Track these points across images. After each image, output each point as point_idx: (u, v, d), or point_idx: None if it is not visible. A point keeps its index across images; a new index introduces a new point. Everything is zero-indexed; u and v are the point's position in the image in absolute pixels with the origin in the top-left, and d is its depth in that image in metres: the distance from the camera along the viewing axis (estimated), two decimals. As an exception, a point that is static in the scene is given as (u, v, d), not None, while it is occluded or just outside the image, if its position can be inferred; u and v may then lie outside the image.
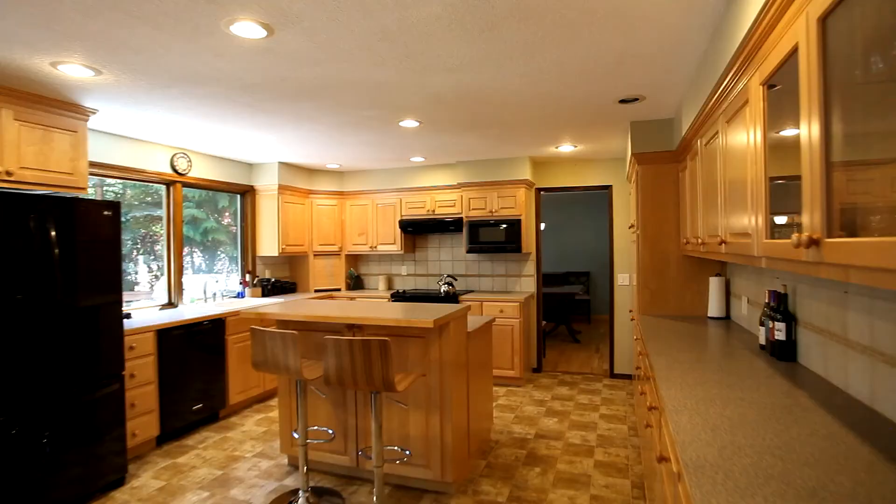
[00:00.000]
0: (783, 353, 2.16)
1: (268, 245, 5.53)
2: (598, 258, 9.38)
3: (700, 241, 2.73)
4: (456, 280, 5.57)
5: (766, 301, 2.32)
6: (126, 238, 4.38)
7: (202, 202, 5.47)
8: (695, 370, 2.07)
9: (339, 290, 6.19)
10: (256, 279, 5.56)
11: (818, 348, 1.91)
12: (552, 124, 3.94)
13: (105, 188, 4.28)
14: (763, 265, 1.62)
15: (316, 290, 6.04)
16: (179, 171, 4.59)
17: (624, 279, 5.36)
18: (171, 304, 4.59)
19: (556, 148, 4.82)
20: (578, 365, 5.95)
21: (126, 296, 3.55)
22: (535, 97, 3.20)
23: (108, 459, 2.98)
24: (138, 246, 4.59)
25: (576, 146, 4.75)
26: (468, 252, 5.45)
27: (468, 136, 4.29)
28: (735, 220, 2.05)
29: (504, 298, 5.08)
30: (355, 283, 6.27)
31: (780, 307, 2.20)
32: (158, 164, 4.42)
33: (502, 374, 5.11)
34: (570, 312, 9.43)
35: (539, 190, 5.67)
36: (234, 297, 5.32)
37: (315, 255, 6.05)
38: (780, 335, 2.17)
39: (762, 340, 2.36)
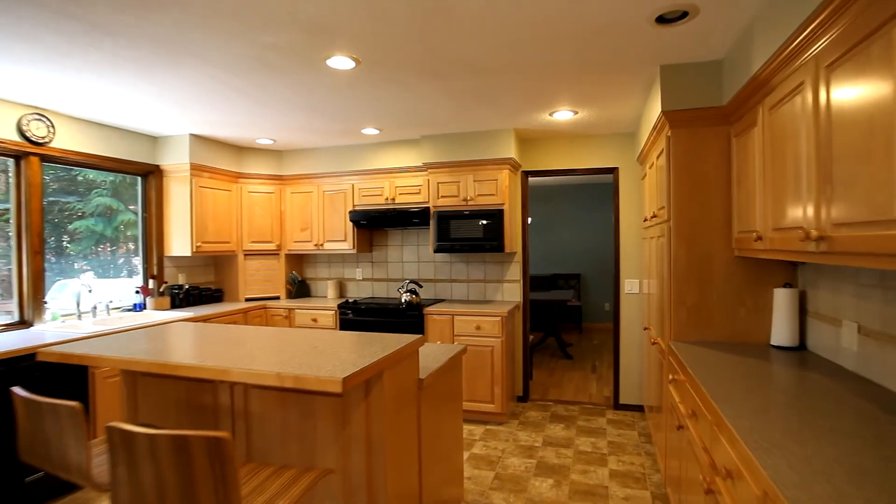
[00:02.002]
0: None
1: (179, 242, 4.28)
2: (591, 259, 8.30)
3: (798, 231, 1.60)
4: (421, 287, 4.41)
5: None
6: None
7: (119, 188, 4.20)
8: (808, 441, 0.93)
9: (277, 298, 4.96)
10: (164, 286, 4.30)
11: None
12: (548, 71, 2.79)
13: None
14: None
15: (247, 299, 4.81)
16: (34, 139, 3.32)
17: (632, 286, 4.25)
18: (23, 323, 3.32)
19: (550, 115, 3.69)
20: (574, 391, 4.83)
21: None
22: (525, 16, 2.05)
23: None
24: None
25: (576, 112, 3.62)
26: (436, 251, 4.29)
27: (431, 90, 3.12)
28: (853, 204, 0.91)
29: (482, 311, 3.93)
30: (299, 289, 5.05)
31: None
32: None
33: (479, 408, 3.95)
34: (560, 321, 8.36)
35: (526, 174, 4.53)
36: (130, 310, 4.05)
37: (246, 254, 4.81)
38: None
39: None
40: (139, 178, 4.28)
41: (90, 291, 3.55)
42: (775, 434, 1.30)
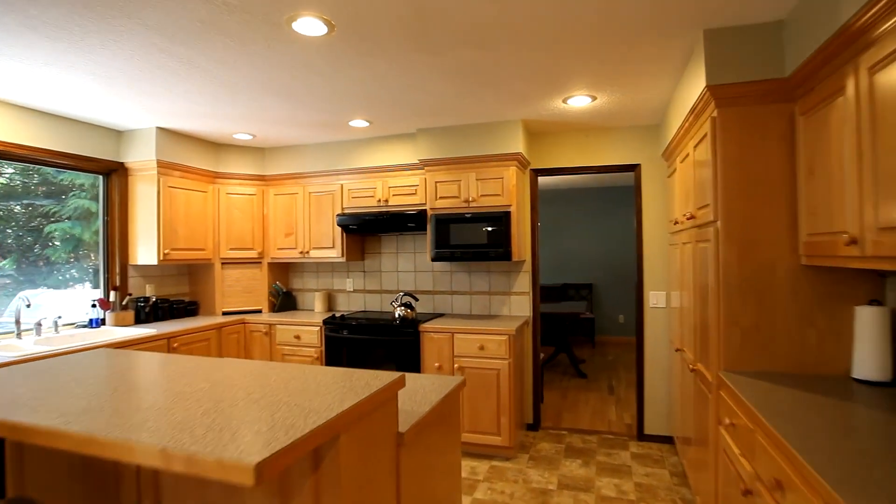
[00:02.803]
0: None
1: (145, 249, 3.81)
2: (603, 267, 7.76)
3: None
4: (417, 300, 3.90)
5: None
6: None
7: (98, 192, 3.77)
8: None
9: (259, 311, 4.47)
10: (128, 298, 3.82)
11: None
12: (565, 38, 2.30)
13: None
14: None
15: (225, 313, 4.32)
16: (-36, 129, 2.87)
17: (658, 299, 3.72)
18: (-51, 344, 2.85)
19: (564, 102, 3.19)
20: (590, 416, 4.28)
21: None
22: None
23: None
24: None
25: (594, 97, 3.11)
26: (434, 259, 3.78)
27: (424, 68, 2.64)
28: None
29: (486, 328, 3.41)
30: (283, 301, 4.55)
31: None
32: (-81, 114, 2.70)
33: (483, 440, 3.42)
34: (572, 335, 7.81)
35: (536, 172, 4.03)
36: (85, 326, 3.57)
37: (224, 263, 4.33)
38: None
39: None
40: (101, 178, 3.81)
41: (28, 306, 3.06)
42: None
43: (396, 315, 3.76)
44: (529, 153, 3.97)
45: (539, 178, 4.08)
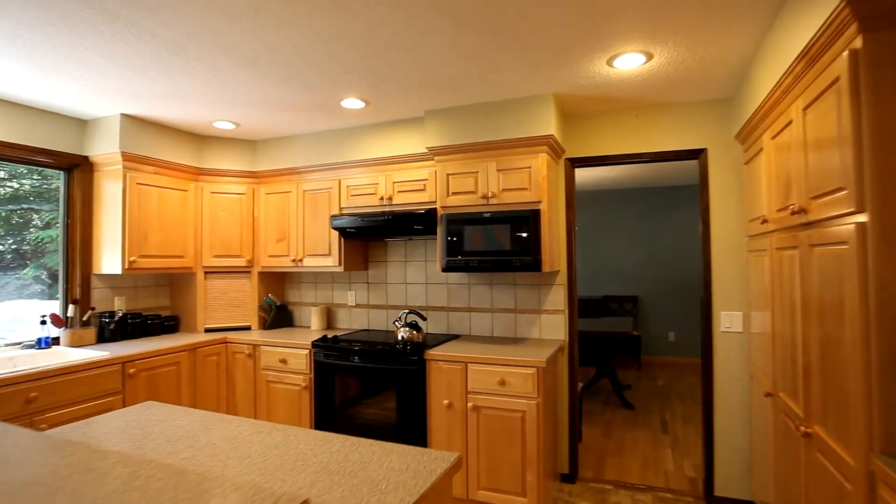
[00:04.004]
0: None
1: (110, 256, 3.27)
2: (650, 277, 6.86)
3: None
4: (425, 319, 3.21)
5: None
6: None
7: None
8: None
9: (248, 328, 3.87)
10: (89, 313, 3.28)
11: None
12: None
13: None
14: None
15: (208, 329, 3.74)
16: None
17: (732, 321, 2.89)
18: None
19: (609, 64, 2.44)
20: (641, 464, 3.46)
21: None
22: None
23: None
24: None
25: (649, 56, 2.35)
26: (445, 269, 3.08)
27: (426, 16, 1.95)
28: None
29: (508, 357, 2.67)
30: (277, 316, 3.94)
31: None
32: None
33: (503, 500, 2.67)
34: (616, 356, 6.94)
35: (572, 163, 3.27)
36: (33, 346, 3.04)
37: (208, 272, 3.76)
38: None
39: None
40: (62, 174, 3.31)
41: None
42: None
43: (399, 337, 3.07)
44: (564, 139, 3.22)
45: (576, 170, 3.32)
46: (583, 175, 5.81)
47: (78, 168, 3.29)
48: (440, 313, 3.56)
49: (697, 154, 3.01)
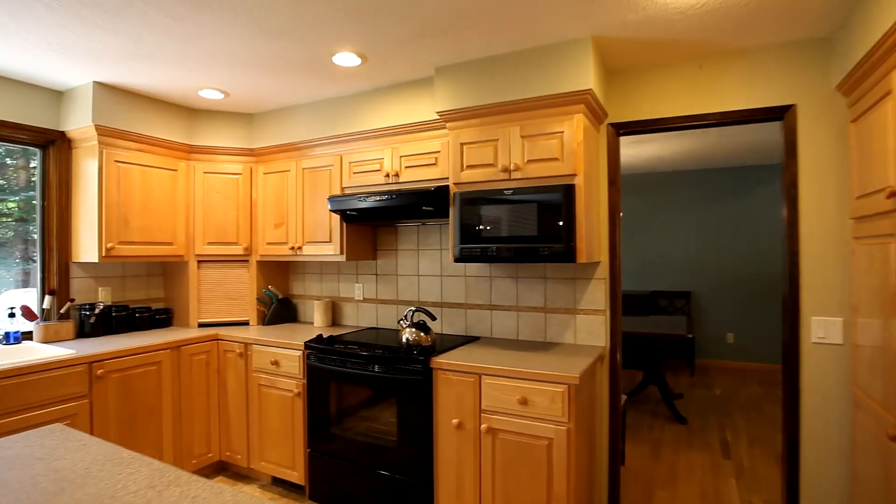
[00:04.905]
0: None
1: (87, 242, 2.94)
2: (705, 270, 6.09)
3: None
4: (434, 318, 2.70)
5: None
6: None
7: None
8: None
9: (246, 323, 3.48)
10: (68, 305, 2.97)
11: None
12: None
13: None
14: None
15: (202, 324, 3.38)
16: None
17: (828, 330, 2.23)
18: None
19: (668, -14, 1.83)
20: (698, 495, 2.84)
21: None
22: None
23: None
24: None
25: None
26: (459, 259, 2.55)
27: None
28: None
29: (532, 370, 2.13)
30: (278, 311, 3.54)
31: None
32: None
33: (525, 548, 2.14)
34: (666, 359, 6.23)
35: (617, 129, 2.66)
36: (1, 341, 2.74)
37: (201, 261, 3.39)
38: None
39: None
40: (38, 151, 2.99)
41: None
42: None
43: (404, 340, 2.58)
44: (606, 100, 2.62)
45: (622, 138, 2.71)
46: (627, 154, 5.12)
47: (54, 145, 2.97)
48: (457, 311, 3.05)
49: (782, 113, 2.34)
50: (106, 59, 2.49)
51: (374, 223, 3.16)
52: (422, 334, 2.58)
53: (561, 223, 2.27)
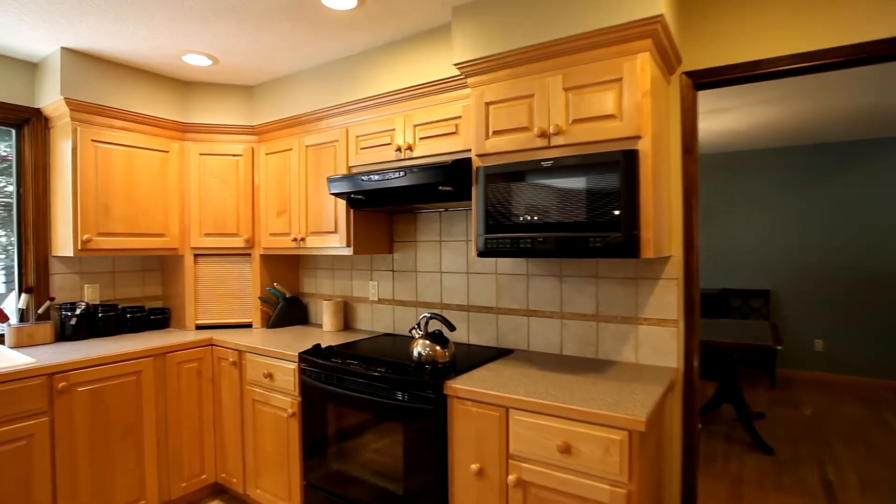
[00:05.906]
0: None
1: (63, 234, 2.59)
2: (790, 267, 5.21)
3: None
4: (453, 328, 2.16)
5: None
6: None
7: None
8: None
9: (248, 325, 3.07)
10: (47, 304, 2.64)
11: None
12: None
13: None
14: None
15: (199, 327, 3.00)
16: None
17: None
18: None
19: None
20: (803, 568, 2.16)
21: None
22: None
23: None
24: None
25: None
26: (483, 253, 1.99)
27: None
28: None
29: (580, 409, 1.54)
30: (283, 312, 3.10)
31: None
32: None
33: None
34: (743, 369, 5.41)
35: (694, 78, 1.99)
36: (-31, 346, 2.43)
37: (198, 254, 3.00)
38: None
39: None
40: (13, 131, 2.67)
41: None
42: None
43: (415, 354, 2.05)
44: (680, 38, 1.97)
45: (699, 92, 2.05)
46: (709, 115, 4.35)
47: (28, 124, 2.63)
48: (487, 316, 2.49)
49: (950, 41, 1.61)
50: (59, 14, 2.09)
51: (388, 209, 2.64)
52: (437, 348, 2.04)
53: (619, 204, 1.66)
